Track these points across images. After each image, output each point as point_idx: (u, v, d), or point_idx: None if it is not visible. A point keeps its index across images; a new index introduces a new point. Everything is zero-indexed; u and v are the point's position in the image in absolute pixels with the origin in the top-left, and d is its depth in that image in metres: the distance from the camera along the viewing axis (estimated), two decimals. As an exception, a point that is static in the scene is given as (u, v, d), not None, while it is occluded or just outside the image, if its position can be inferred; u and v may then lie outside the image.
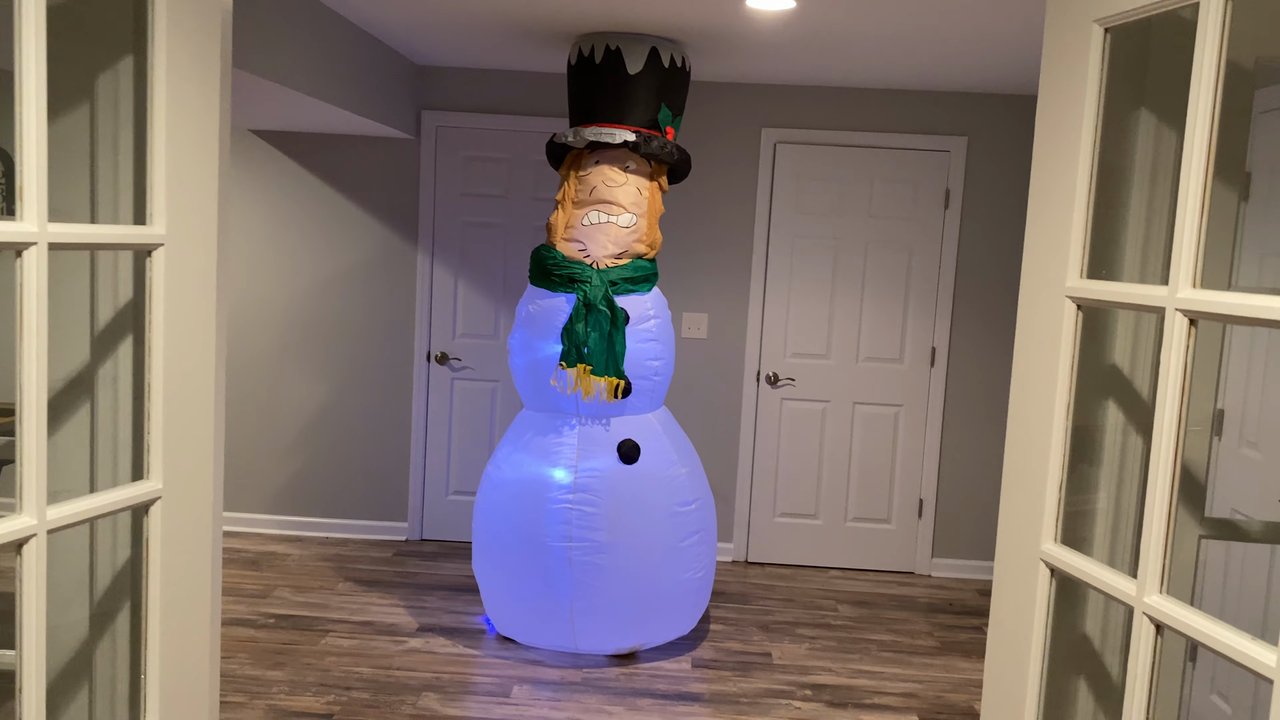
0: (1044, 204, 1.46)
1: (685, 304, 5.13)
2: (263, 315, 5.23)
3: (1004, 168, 5.01)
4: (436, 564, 4.99)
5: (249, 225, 5.19)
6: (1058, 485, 1.43)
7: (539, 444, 3.93)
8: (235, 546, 5.12)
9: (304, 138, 5.15)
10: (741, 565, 5.21)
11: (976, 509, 5.19)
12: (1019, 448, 1.49)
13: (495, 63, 4.86)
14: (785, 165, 5.03)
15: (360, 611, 4.36)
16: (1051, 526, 1.43)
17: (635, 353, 3.89)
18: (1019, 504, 1.49)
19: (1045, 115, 1.46)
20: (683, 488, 3.93)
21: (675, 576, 3.90)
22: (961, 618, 4.66)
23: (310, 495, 5.34)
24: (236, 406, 5.29)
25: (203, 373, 1.50)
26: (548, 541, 3.81)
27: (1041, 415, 1.44)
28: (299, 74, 3.66)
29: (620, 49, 3.88)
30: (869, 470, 5.18)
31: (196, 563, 1.52)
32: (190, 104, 1.45)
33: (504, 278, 5.16)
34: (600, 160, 3.91)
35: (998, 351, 5.10)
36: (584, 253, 3.89)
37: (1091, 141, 1.37)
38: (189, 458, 1.49)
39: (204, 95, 1.48)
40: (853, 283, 5.07)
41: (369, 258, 5.18)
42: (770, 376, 5.14)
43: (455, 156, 5.11)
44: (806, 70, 4.60)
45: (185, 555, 1.50)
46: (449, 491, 5.30)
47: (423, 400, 5.23)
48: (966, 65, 4.30)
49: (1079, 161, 1.38)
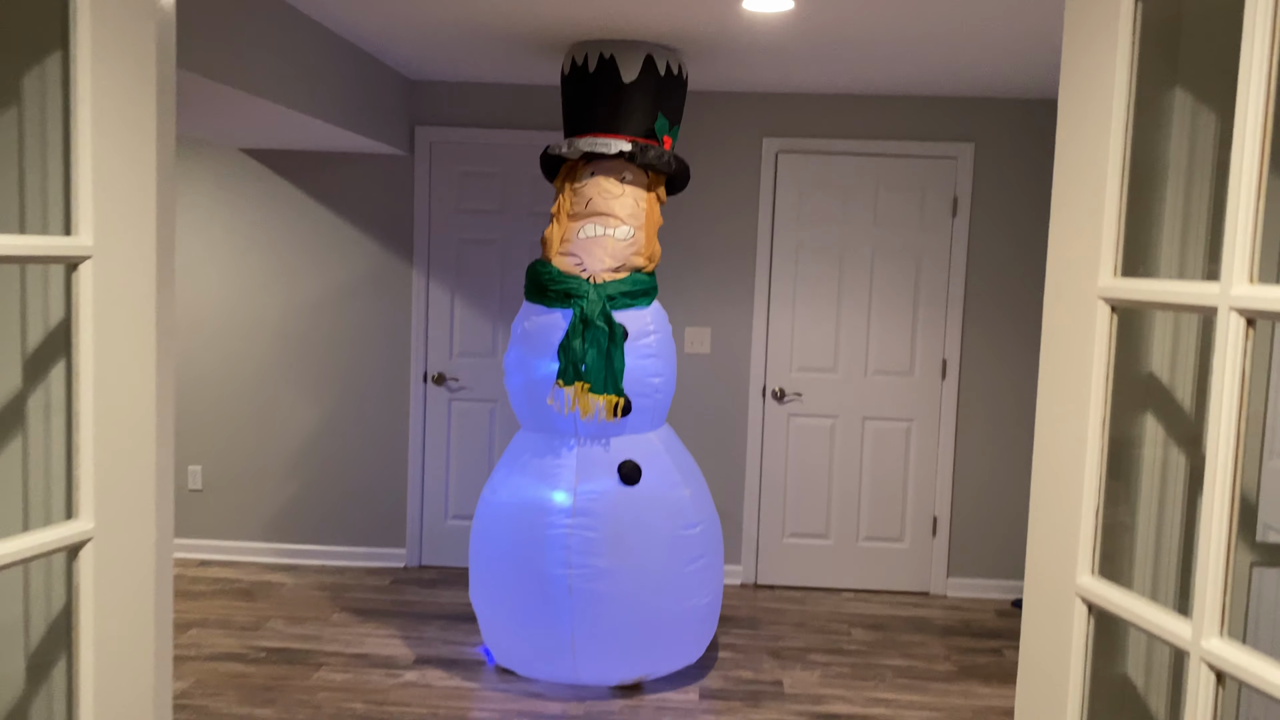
0: (1071, 194, 1.31)
1: (687, 318, 4.98)
2: (256, 336, 5.10)
3: (1013, 174, 4.87)
4: (435, 591, 4.83)
5: (241, 245, 5.07)
6: (1094, 511, 1.28)
7: (536, 466, 3.78)
8: (228, 576, 4.97)
9: (296, 156, 5.03)
10: (750, 588, 5.04)
11: (992, 526, 5.02)
12: (1048, 470, 1.34)
13: (489, 76, 4.74)
14: (787, 174, 4.89)
15: (355, 643, 4.20)
16: (1088, 558, 1.28)
17: (635, 369, 3.74)
18: (1050, 533, 1.33)
19: (1070, 95, 1.31)
20: (687, 510, 3.77)
21: (681, 603, 3.74)
22: (980, 640, 4.48)
23: (305, 522, 5.19)
24: (228, 430, 5.15)
25: (141, 398, 1.35)
26: (546, 568, 3.66)
27: (1074, 433, 1.28)
28: (289, 90, 3.54)
29: (614, 57, 3.76)
30: (880, 487, 5.01)
31: (136, 611, 1.37)
32: (120, 107, 1.32)
33: (501, 294, 5.03)
34: (596, 172, 3.78)
35: (1011, 362, 4.93)
36: (580, 267, 3.75)
37: (1124, 122, 1.22)
38: (126, 494, 1.34)
39: (136, 97, 1.35)
40: (859, 294, 4.92)
41: (363, 276, 5.06)
42: (776, 392, 4.99)
43: (450, 172, 4.98)
44: (807, 77, 4.47)
45: (123, 602, 1.35)
46: (448, 516, 5.14)
47: (420, 422, 5.08)
48: (972, 69, 4.16)
49: (1110, 146, 1.23)
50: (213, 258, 5.08)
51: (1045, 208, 4.87)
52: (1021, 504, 4.99)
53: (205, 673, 3.87)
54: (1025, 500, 4.99)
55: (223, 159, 5.04)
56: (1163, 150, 1.34)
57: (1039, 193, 4.87)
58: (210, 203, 5.06)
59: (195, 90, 3.20)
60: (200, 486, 5.18)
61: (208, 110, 3.65)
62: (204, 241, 5.07)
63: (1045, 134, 4.84)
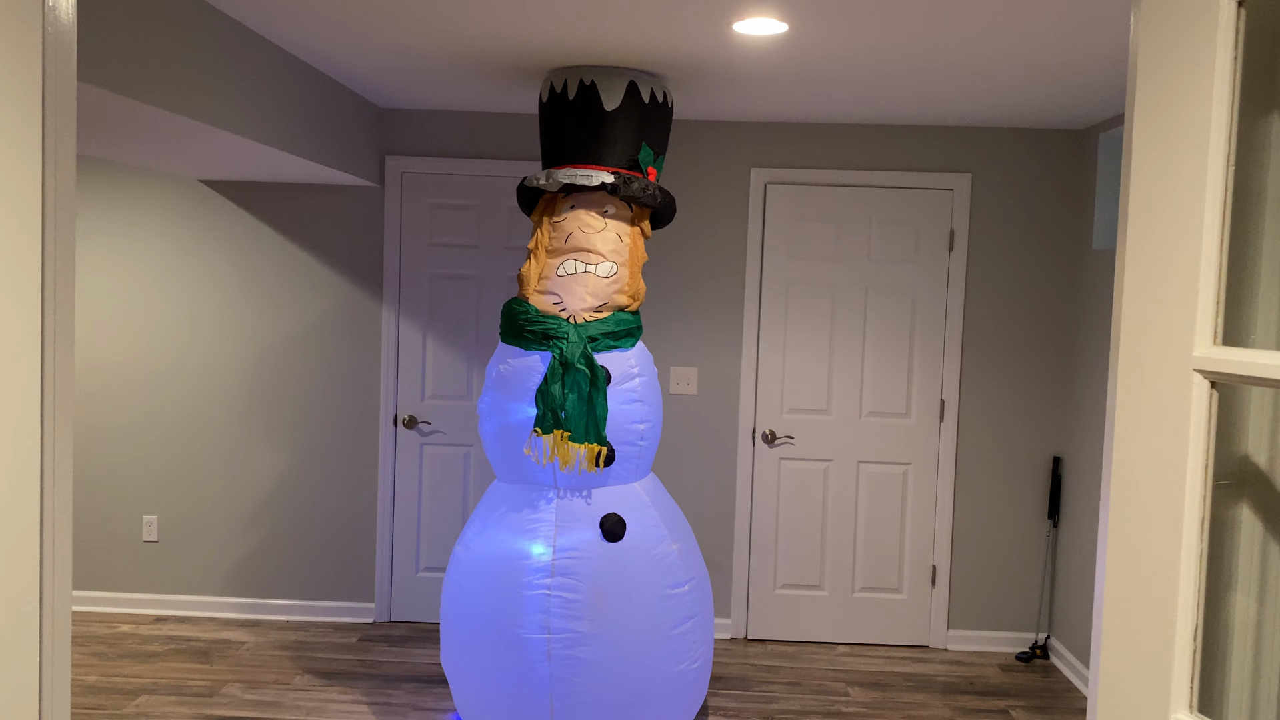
0: (1152, 242, 1.07)
1: (672, 358, 4.74)
2: (215, 378, 4.82)
3: (1012, 206, 4.67)
4: (405, 650, 4.53)
5: (200, 281, 4.80)
6: (1192, 633, 1.03)
7: (513, 520, 3.51)
8: (185, 634, 4.65)
9: (259, 187, 4.78)
10: (741, 643, 4.76)
11: (995, 575, 4.77)
12: (1128, 581, 1.09)
13: (463, 104, 4.51)
14: (777, 207, 4.68)
15: (318, 710, 3.90)
16: (1184, 690, 1.03)
17: (618, 415, 3.48)
18: (1132, 657, 1.08)
19: (1149, 117, 1.08)
20: (674, 567, 3.51)
21: (668, 669, 3.46)
22: (984, 699, 4.21)
23: (268, 575, 4.88)
24: (185, 478, 4.85)
25: (19, 448, 1.09)
26: (523, 633, 3.37)
27: (1164, 535, 1.04)
28: (250, 120, 3.29)
29: (595, 84, 3.53)
30: (877, 535, 4.76)
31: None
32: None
33: (476, 333, 4.77)
34: (576, 205, 3.54)
35: (1012, 403, 4.71)
36: (560, 306, 3.50)
37: (1224, 152, 0.99)
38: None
39: (15, 114, 1.10)
40: (853, 332, 4.70)
41: (331, 314, 4.79)
42: (767, 435, 4.74)
43: (422, 204, 4.74)
44: (798, 106, 4.27)
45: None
46: (419, 568, 4.85)
47: (390, 468, 4.80)
48: (970, 97, 3.96)
49: (1207, 183, 0.99)
50: (169, 296, 4.80)
51: (1046, 241, 4.67)
52: (1025, 552, 4.75)
53: (151, 748, 3.56)
54: (1029, 548, 4.75)
55: (181, 191, 4.78)
56: (1259, 188, 1.10)
57: (1039, 225, 4.67)
58: (168, 237, 4.79)
59: (149, 120, 2.94)
60: (155, 538, 4.87)
61: (163, 140, 3.40)
62: (161, 278, 4.79)
63: (1045, 164, 4.65)
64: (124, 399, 4.84)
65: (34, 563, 1.17)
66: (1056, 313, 4.68)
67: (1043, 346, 4.69)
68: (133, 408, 4.84)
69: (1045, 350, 4.69)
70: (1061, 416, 4.71)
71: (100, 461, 4.86)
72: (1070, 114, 4.27)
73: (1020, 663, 4.65)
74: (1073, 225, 4.67)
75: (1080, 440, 4.52)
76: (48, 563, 1.19)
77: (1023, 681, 4.42)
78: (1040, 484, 4.73)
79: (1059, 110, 4.20)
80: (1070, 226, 4.68)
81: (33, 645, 1.17)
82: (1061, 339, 4.69)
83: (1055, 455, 4.71)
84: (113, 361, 4.83)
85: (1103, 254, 4.38)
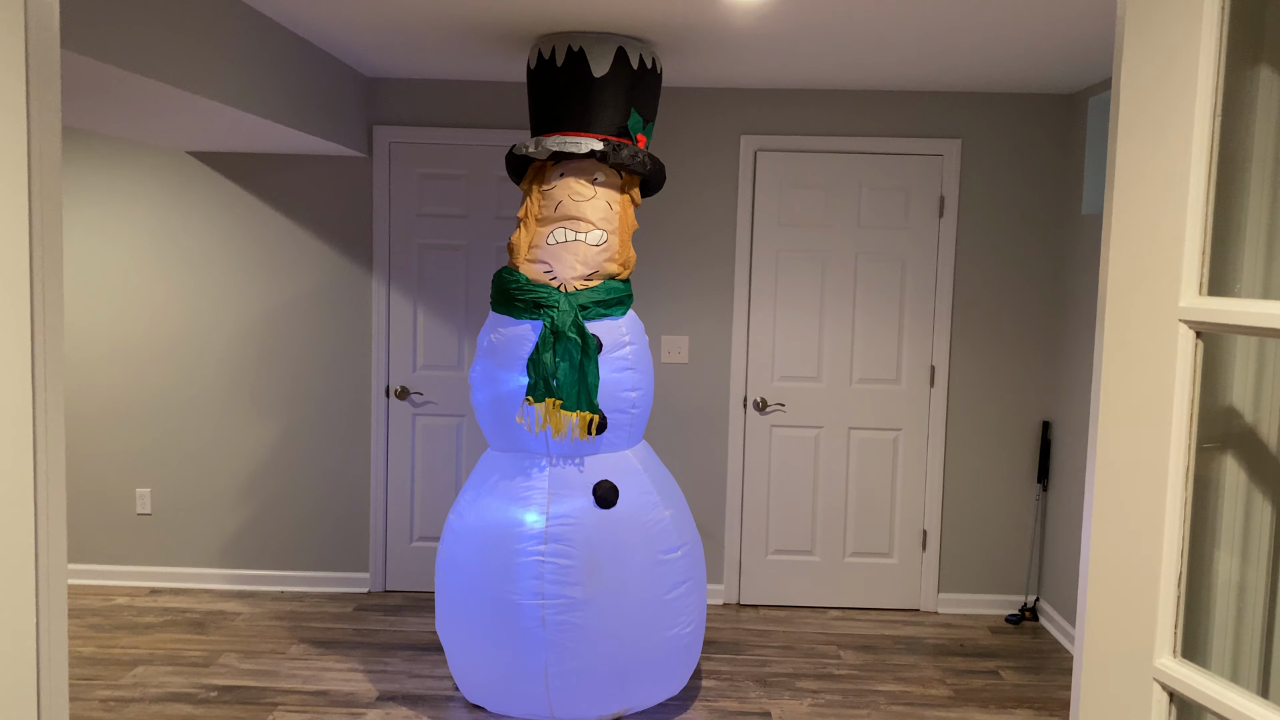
0: (1139, 194, 1.08)
1: (664, 327, 4.74)
2: (206, 350, 4.81)
3: (1002, 171, 4.67)
4: (401, 618, 4.56)
5: (189, 254, 4.77)
6: (1176, 579, 1.05)
7: (506, 488, 3.52)
8: (180, 606, 4.67)
9: (246, 159, 4.74)
10: (733, 608, 4.80)
11: (984, 539, 4.82)
12: (1113, 528, 1.11)
13: (450, 73, 4.48)
14: (767, 174, 4.67)
15: (314, 679, 3.93)
16: (1169, 636, 1.05)
17: (610, 383, 3.50)
18: (1117, 604, 1.10)
19: (1138, 70, 1.08)
20: (667, 532, 3.53)
21: (662, 633, 3.50)
22: (974, 660, 4.27)
23: (263, 546, 4.90)
24: (178, 450, 4.85)
25: (11, 424, 1.10)
26: (518, 599, 3.40)
27: (1149, 485, 1.06)
28: (236, 90, 3.26)
29: (584, 50, 3.51)
30: (867, 500, 4.80)
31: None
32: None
33: (467, 303, 4.76)
34: (565, 173, 3.53)
35: (1001, 368, 4.73)
36: (550, 275, 3.50)
37: (1211, 104, 0.99)
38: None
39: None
40: (843, 298, 4.70)
41: (320, 286, 4.78)
42: (758, 402, 4.76)
43: (410, 174, 4.71)
44: (787, 72, 4.25)
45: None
46: (413, 538, 4.87)
47: (382, 439, 4.81)
48: (960, 62, 3.95)
49: (1194, 134, 1.00)
50: (159, 268, 4.78)
51: (1037, 206, 4.68)
52: (1014, 516, 4.80)
53: (150, 716, 3.59)
54: (1018, 512, 4.80)
55: (169, 163, 4.74)
56: (1242, 142, 1.11)
57: (1029, 190, 4.67)
58: (156, 209, 4.76)
59: (134, 89, 2.92)
60: (149, 510, 4.88)
61: (149, 110, 3.37)
62: (150, 251, 4.77)
63: (1036, 129, 4.65)
64: (115, 373, 4.83)
65: (29, 536, 1.17)
66: (1046, 278, 4.70)
67: (1032, 312, 4.71)
68: (124, 381, 4.83)
69: (1035, 315, 4.71)
70: (1051, 381, 4.74)
71: (92, 435, 4.85)
72: (1060, 78, 4.26)
73: (1010, 625, 4.70)
74: (1062, 190, 4.67)
75: (1070, 405, 4.55)
76: (42, 536, 1.20)
77: (1012, 643, 4.48)
78: (1030, 448, 4.77)
79: (1049, 75, 4.19)
80: (1060, 191, 4.68)
81: (29, 616, 1.18)
82: (1051, 304, 4.71)
83: (1045, 420, 4.75)
84: (102, 335, 4.81)
85: (1092, 219, 4.39)
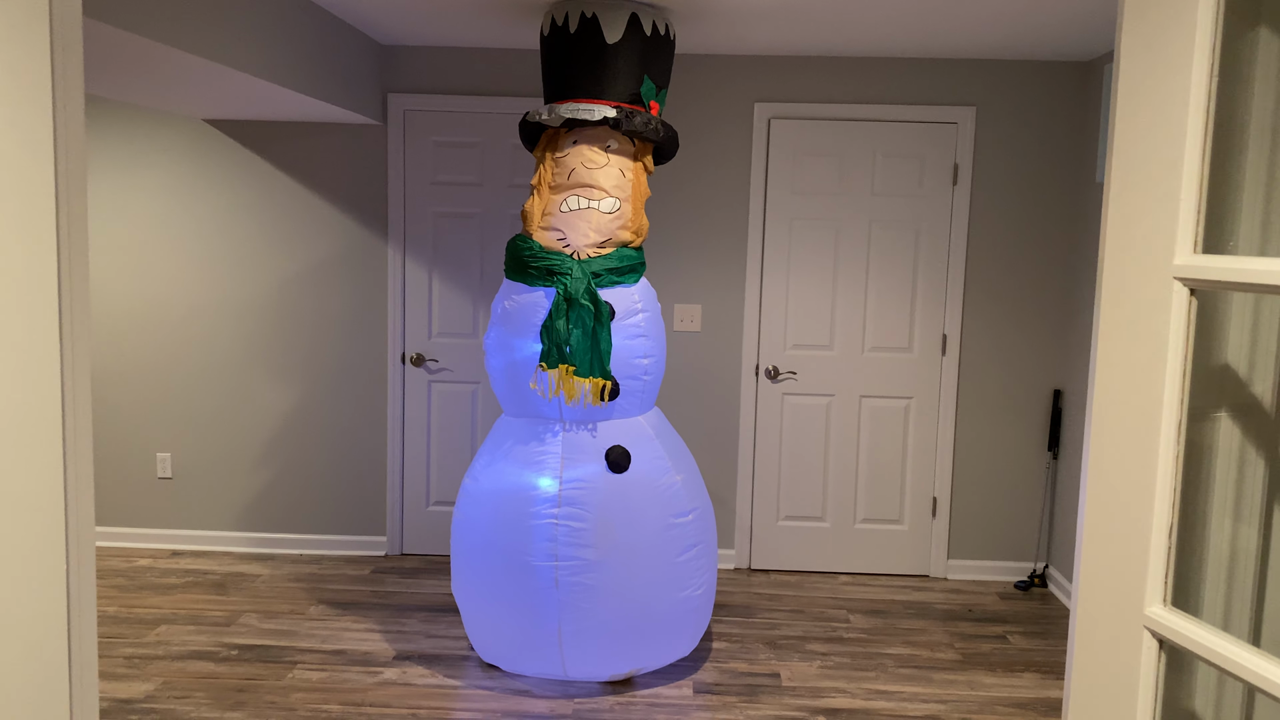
0: (1136, 154, 1.10)
1: (676, 295, 4.77)
2: (224, 318, 4.87)
3: (1016, 139, 4.65)
4: (417, 581, 4.64)
5: (207, 222, 4.82)
6: (1167, 531, 1.08)
7: (520, 453, 3.58)
8: (201, 568, 4.76)
9: (262, 126, 4.78)
10: (745, 573, 4.86)
11: (994, 506, 4.85)
12: (1107, 481, 1.14)
13: (465, 40, 4.49)
14: (780, 142, 4.67)
15: (332, 639, 4.01)
16: (1159, 585, 1.09)
17: (622, 350, 3.53)
18: (1109, 554, 1.14)
19: (1136, 32, 1.10)
20: (678, 497, 3.58)
21: (673, 595, 3.56)
22: (982, 625, 4.32)
23: (282, 510, 4.98)
24: (198, 415, 4.93)
25: (41, 385, 1.14)
26: (532, 561, 3.46)
27: (1142, 438, 1.09)
28: (252, 57, 3.29)
29: (597, 16, 3.52)
30: (878, 468, 4.83)
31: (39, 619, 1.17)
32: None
33: (481, 271, 4.80)
34: (579, 140, 3.55)
35: (1013, 337, 4.74)
36: (563, 242, 3.53)
37: (1208, 64, 1.01)
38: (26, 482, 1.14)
39: (21, 54, 1.13)
40: (856, 267, 4.72)
41: (336, 253, 4.82)
42: (770, 370, 4.79)
43: (425, 142, 4.74)
44: (801, 39, 4.24)
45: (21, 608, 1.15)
46: (429, 502, 4.94)
47: (398, 405, 4.87)
48: (974, 29, 3.93)
49: (1191, 95, 1.02)
50: (177, 235, 4.83)
51: (1051, 176, 4.67)
52: (1025, 484, 4.82)
53: (173, 673, 3.68)
54: (1029, 480, 4.82)
55: (186, 131, 4.78)
56: (1241, 103, 1.13)
57: (1044, 160, 4.66)
58: (174, 177, 4.80)
59: (150, 56, 2.95)
60: (170, 474, 4.97)
61: (167, 77, 3.40)
62: (168, 218, 4.82)
63: (1050, 97, 4.63)
64: (135, 339, 4.90)
65: (59, 500, 1.22)
66: (1059, 246, 4.69)
67: (1045, 280, 4.71)
68: (144, 347, 4.90)
69: (1047, 284, 4.71)
70: (1063, 350, 4.74)
71: (113, 400, 4.93)
72: (1075, 45, 4.23)
73: (1019, 591, 4.75)
74: (1076, 158, 4.66)
75: (1081, 373, 4.56)
76: (71, 496, 1.25)
77: (1021, 609, 4.52)
78: (1041, 417, 4.79)
79: (1064, 42, 4.16)
80: (1074, 159, 4.66)
81: (60, 578, 1.23)
82: (1064, 272, 4.71)
83: (1056, 388, 4.76)
84: (122, 302, 4.88)
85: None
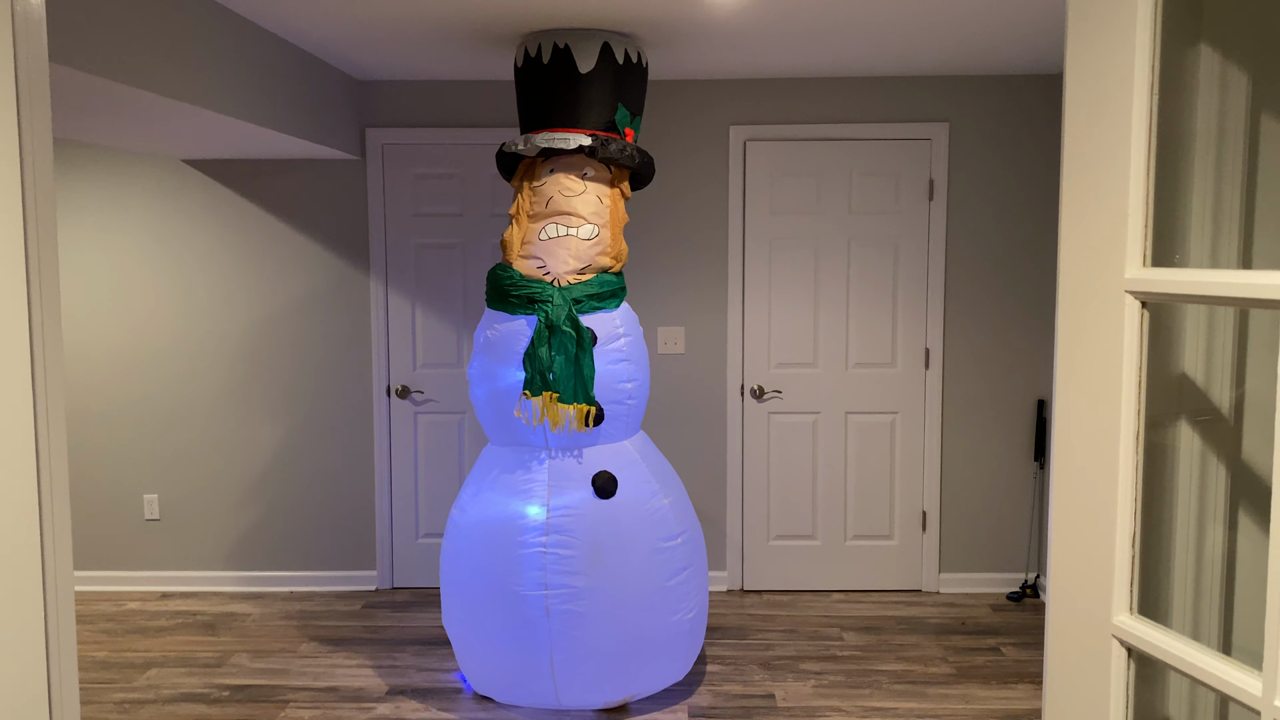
0: (1085, 171, 1.12)
1: (659, 318, 4.79)
2: (207, 357, 4.87)
3: (990, 153, 4.70)
4: (409, 614, 4.62)
5: (189, 261, 4.83)
6: (1130, 539, 1.09)
7: (506, 482, 3.58)
8: (191, 609, 4.73)
9: (241, 165, 4.79)
10: (737, 594, 4.86)
11: (983, 519, 4.86)
12: (1072, 492, 1.16)
13: (440, 73, 4.52)
14: (757, 163, 4.71)
15: (325, 675, 3.99)
16: (1125, 593, 1.10)
17: (606, 375, 3.55)
18: (1076, 564, 1.15)
19: (1081, 53, 1.12)
20: (667, 520, 3.59)
21: (664, 619, 3.55)
22: (975, 638, 4.32)
23: (271, 547, 4.96)
24: (184, 455, 4.92)
25: (13, 429, 1.15)
26: (521, 590, 3.46)
27: (1102, 449, 1.10)
28: (227, 97, 3.31)
29: (569, 46, 3.56)
30: (867, 483, 4.84)
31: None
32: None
33: (464, 301, 4.81)
34: (555, 168, 3.58)
35: (995, 349, 4.78)
36: (543, 270, 3.55)
37: (1148, 83, 1.04)
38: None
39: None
40: (837, 284, 4.75)
41: (319, 288, 4.83)
42: (755, 390, 4.81)
43: (404, 175, 4.76)
44: (773, 61, 4.29)
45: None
46: (419, 534, 4.93)
47: (385, 438, 4.87)
48: (946, 46, 3.99)
49: (1134, 113, 1.05)
50: (159, 276, 4.83)
51: (1025, 188, 4.72)
52: (1012, 494, 4.84)
53: (165, 717, 3.65)
54: (1016, 491, 4.84)
55: (165, 172, 4.80)
56: (1186, 118, 1.15)
57: (1018, 172, 4.71)
58: (154, 218, 4.81)
59: (125, 100, 2.97)
60: (157, 515, 4.94)
61: (140, 120, 3.42)
62: (149, 259, 4.83)
63: (1022, 111, 4.68)
64: (118, 380, 4.89)
65: (34, 541, 1.22)
66: (1035, 257, 4.73)
67: (1024, 291, 4.75)
68: (127, 388, 4.89)
69: (1027, 295, 4.75)
70: (1044, 359, 4.77)
71: (98, 443, 4.92)
72: (1046, 59, 4.29)
73: (1011, 602, 4.75)
74: (1050, 170, 4.71)
75: (1063, 382, 4.58)
76: (48, 540, 1.25)
77: (1013, 620, 4.53)
78: (1026, 427, 4.81)
79: (1034, 57, 4.22)
80: (1047, 171, 4.71)
81: (38, 623, 1.22)
82: (1042, 283, 4.75)
83: (1039, 398, 4.79)
84: (104, 343, 4.87)
85: (1080, 197, 4.42)
